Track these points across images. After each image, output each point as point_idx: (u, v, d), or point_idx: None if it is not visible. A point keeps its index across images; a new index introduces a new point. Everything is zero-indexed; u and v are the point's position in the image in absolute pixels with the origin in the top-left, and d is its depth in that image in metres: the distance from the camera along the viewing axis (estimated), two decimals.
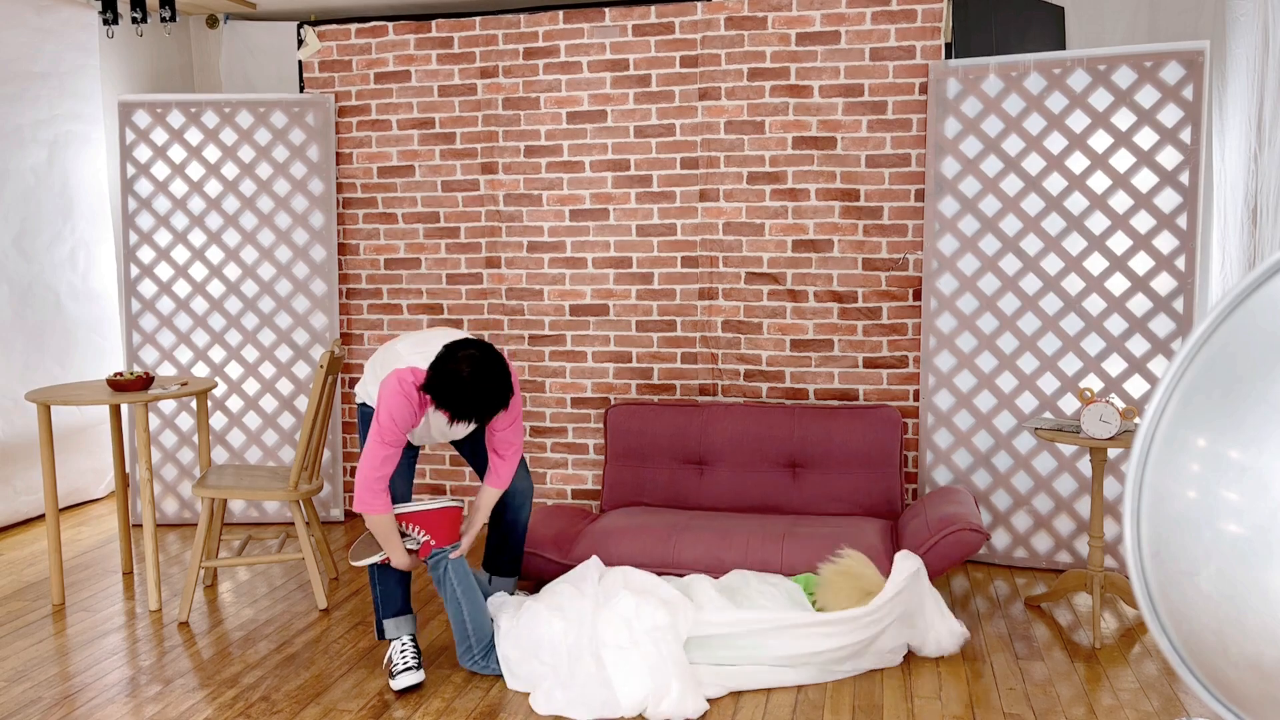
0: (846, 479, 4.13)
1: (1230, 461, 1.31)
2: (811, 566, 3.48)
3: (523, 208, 4.68)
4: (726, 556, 3.60)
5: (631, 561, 3.65)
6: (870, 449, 4.12)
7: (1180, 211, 3.84)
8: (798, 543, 3.60)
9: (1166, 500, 1.39)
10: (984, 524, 3.48)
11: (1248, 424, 1.30)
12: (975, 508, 3.70)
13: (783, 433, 4.21)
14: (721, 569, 3.58)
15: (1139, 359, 3.92)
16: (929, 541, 3.46)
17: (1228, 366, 1.35)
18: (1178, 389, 1.41)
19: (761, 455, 4.21)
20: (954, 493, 3.85)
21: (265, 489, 3.59)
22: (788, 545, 3.60)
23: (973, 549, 3.42)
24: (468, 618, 3.09)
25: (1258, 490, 1.27)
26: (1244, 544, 1.28)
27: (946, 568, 3.46)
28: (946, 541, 3.43)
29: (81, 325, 5.21)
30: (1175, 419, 1.40)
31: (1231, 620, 1.31)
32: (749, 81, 4.38)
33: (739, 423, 4.26)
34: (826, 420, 4.20)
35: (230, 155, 4.83)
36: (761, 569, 3.56)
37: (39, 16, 4.92)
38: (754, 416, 4.27)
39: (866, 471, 4.12)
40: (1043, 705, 2.92)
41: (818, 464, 4.18)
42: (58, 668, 3.24)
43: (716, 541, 3.65)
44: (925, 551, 3.45)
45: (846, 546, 3.47)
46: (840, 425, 4.18)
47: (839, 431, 4.16)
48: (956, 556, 3.43)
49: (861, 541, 3.58)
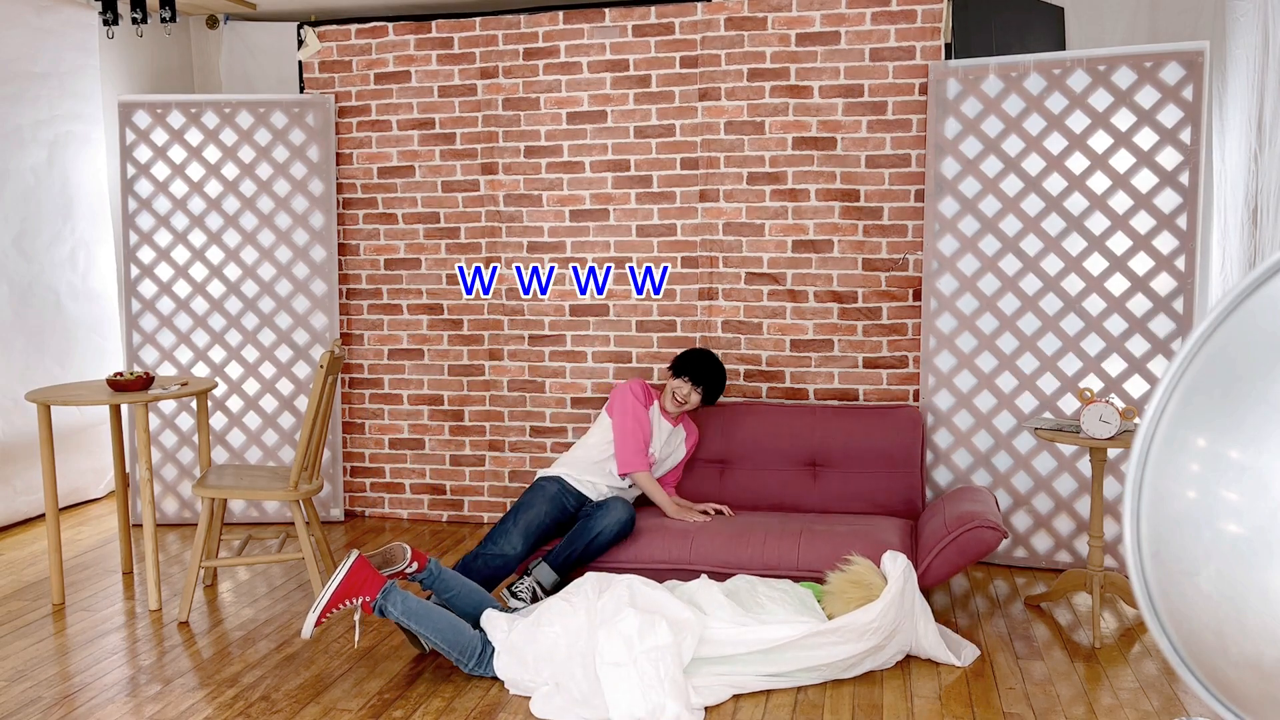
0: (867, 478, 4.10)
1: (1230, 461, 1.31)
2: (829, 564, 3.43)
3: (523, 208, 4.69)
4: (743, 554, 3.59)
5: (651, 561, 3.64)
6: (891, 448, 4.09)
7: (1180, 212, 3.84)
8: (814, 540, 3.59)
9: (1166, 500, 1.39)
10: (1004, 528, 3.44)
11: (1248, 424, 1.30)
12: (995, 506, 3.66)
13: (803, 432, 4.19)
14: (739, 567, 3.57)
15: (1139, 359, 3.93)
16: (946, 539, 3.41)
17: (1228, 366, 1.36)
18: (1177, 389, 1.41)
19: (782, 455, 4.18)
20: (974, 491, 3.81)
21: (265, 489, 3.59)
22: (804, 543, 3.59)
23: (990, 546, 3.37)
24: (435, 639, 3.07)
25: (1258, 490, 1.27)
26: (1244, 544, 1.28)
27: (965, 565, 3.40)
28: (964, 539, 3.37)
29: (81, 325, 5.21)
30: (1175, 419, 1.40)
31: (1231, 620, 1.31)
32: (749, 82, 4.38)
33: (759, 422, 4.25)
34: (847, 420, 4.18)
35: (230, 155, 4.83)
36: (777, 567, 3.55)
37: (39, 16, 4.92)
38: (774, 416, 4.26)
39: (887, 471, 4.09)
40: (1043, 705, 2.92)
41: (838, 463, 4.15)
42: (58, 667, 3.24)
43: (733, 540, 3.64)
44: (943, 549, 3.40)
45: (857, 551, 3.43)
46: (861, 425, 4.15)
47: (860, 431, 4.14)
48: (974, 553, 3.38)
49: (880, 540, 3.54)
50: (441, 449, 4.88)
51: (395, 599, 3.06)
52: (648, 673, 2.83)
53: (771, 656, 3.01)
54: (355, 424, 4.97)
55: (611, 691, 2.81)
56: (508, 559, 3.59)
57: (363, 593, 3.05)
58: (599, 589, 3.19)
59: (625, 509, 3.64)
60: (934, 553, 3.41)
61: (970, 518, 3.43)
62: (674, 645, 2.91)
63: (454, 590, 3.29)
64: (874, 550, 3.46)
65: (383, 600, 3.05)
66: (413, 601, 3.09)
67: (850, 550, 3.45)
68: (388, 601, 3.06)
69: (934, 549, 3.42)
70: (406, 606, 3.07)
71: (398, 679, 3.13)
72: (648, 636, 2.90)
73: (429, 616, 3.08)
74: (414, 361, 4.87)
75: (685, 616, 3.03)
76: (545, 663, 2.96)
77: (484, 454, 4.82)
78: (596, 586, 3.21)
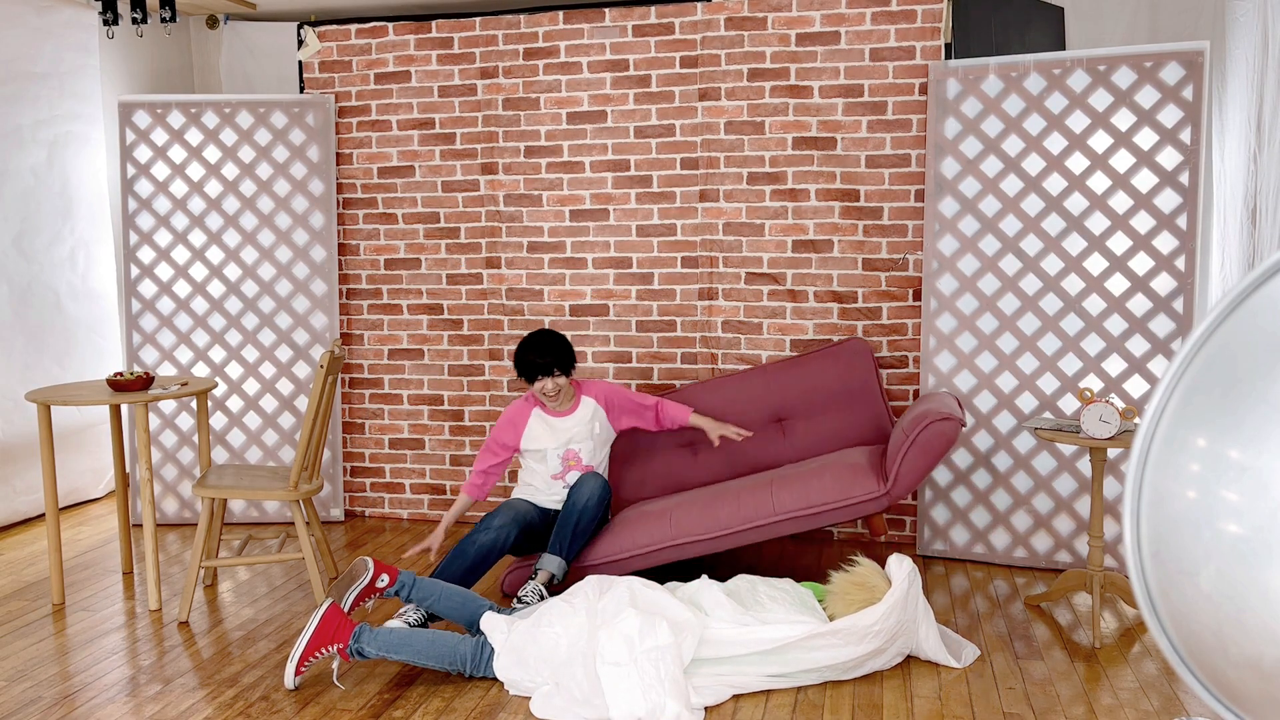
0: (833, 418, 4.16)
1: (1230, 461, 1.31)
2: (806, 502, 3.48)
3: (523, 208, 4.69)
4: (721, 515, 3.62)
5: (637, 548, 3.66)
6: (848, 383, 4.15)
7: (1180, 212, 3.84)
8: (787, 483, 3.63)
9: (1166, 500, 1.39)
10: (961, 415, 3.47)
11: (1248, 424, 1.30)
12: (954, 403, 3.68)
13: (761, 391, 4.24)
14: (722, 529, 3.59)
15: (1139, 359, 3.93)
16: (907, 442, 3.45)
17: (1228, 366, 1.36)
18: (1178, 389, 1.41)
19: (746, 418, 4.21)
20: (931, 396, 3.87)
21: (265, 489, 3.59)
22: (777, 488, 3.62)
23: (951, 438, 3.41)
24: (423, 662, 3.08)
25: (1257, 490, 1.28)
26: (1244, 544, 1.28)
27: (932, 463, 3.44)
28: (923, 436, 3.41)
29: (81, 325, 5.21)
30: (1175, 419, 1.40)
31: (1231, 620, 1.31)
32: (749, 82, 4.38)
33: (718, 393, 4.27)
34: (800, 368, 4.24)
35: (230, 156, 4.83)
36: (754, 518, 3.56)
37: (39, 17, 4.92)
38: (732, 384, 4.30)
39: (849, 407, 4.15)
40: (1042, 705, 2.92)
41: (801, 412, 4.20)
42: (58, 667, 3.24)
43: (710, 506, 3.67)
44: (905, 452, 3.44)
45: (829, 479, 3.50)
46: (814, 369, 4.21)
47: (814, 375, 4.20)
48: (938, 449, 3.41)
49: (850, 463, 3.60)
50: (441, 449, 4.88)
51: (368, 639, 3.07)
52: (648, 672, 2.83)
53: (772, 657, 3.01)
54: (355, 424, 4.97)
55: (612, 691, 2.81)
56: (496, 538, 3.58)
57: (336, 640, 3.06)
58: (600, 590, 3.19)
59: (594, 476, 3.72)
60: (899, 459, 3.44)
61: (925, 415, 3.48)
62: (674, 645, 2.91)
63: (433, 595, 3.29)
64: (844, 475, 3.52)
65: (356, 645, 3.06)
66: (385, 636, 3.08)
67: (819, 485, 3.51)
68: (362, 644, 3.06)
69: (897, 455, 3.46)
70: (382, 642, 3.07)
71: (397, 679, 3.14)
72: (648, 637, 2.90)
73: (408, 644, 3.08)
74: (414, 361, 4.87)
75: (686, 617, 3.03)
76: (545, 663, 2.96)
77: None
78: (597, 588, 3.20)
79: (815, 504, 3.53)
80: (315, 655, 3.05)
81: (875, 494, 3.48)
